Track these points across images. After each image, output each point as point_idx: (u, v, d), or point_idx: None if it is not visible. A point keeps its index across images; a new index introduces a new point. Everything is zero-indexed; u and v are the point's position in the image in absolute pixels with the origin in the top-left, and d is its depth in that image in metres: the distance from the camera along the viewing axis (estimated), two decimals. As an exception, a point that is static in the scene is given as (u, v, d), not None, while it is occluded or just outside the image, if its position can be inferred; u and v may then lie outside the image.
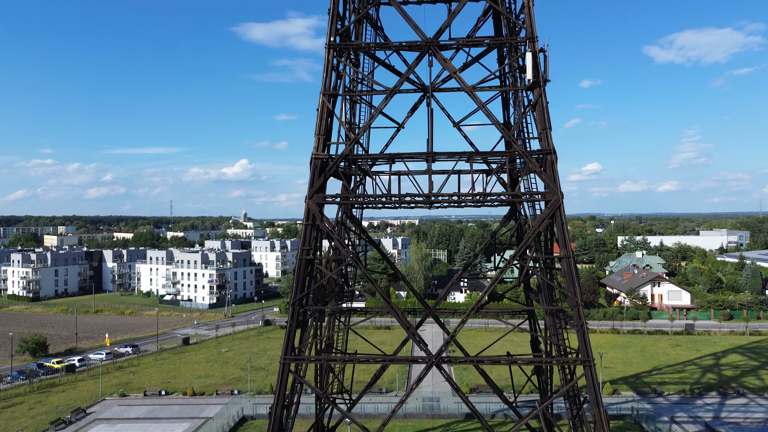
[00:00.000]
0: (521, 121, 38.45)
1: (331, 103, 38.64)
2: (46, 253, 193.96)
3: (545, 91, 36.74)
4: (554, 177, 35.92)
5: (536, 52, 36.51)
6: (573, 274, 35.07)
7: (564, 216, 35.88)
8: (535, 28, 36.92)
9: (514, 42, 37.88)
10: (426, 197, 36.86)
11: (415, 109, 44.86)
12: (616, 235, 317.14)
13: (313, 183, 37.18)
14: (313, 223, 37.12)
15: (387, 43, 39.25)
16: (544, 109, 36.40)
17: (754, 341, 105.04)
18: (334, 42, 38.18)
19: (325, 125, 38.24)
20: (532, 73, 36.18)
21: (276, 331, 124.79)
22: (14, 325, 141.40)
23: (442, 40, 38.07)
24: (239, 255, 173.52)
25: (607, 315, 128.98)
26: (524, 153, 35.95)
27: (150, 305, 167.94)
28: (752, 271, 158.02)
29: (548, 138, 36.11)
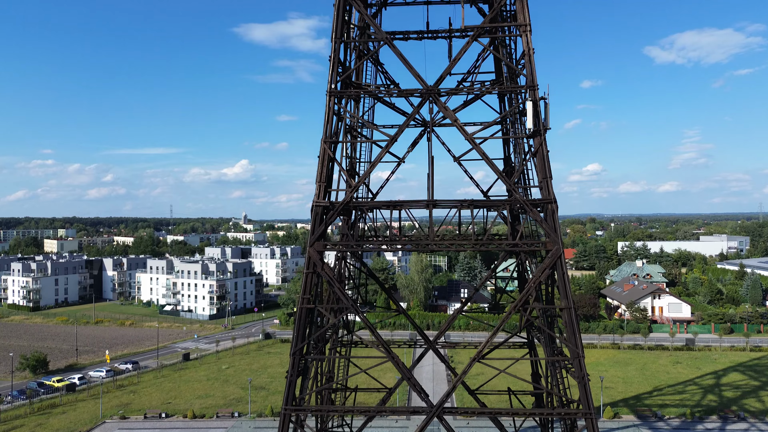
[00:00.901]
0: (522, 168, 38.42)
1: (332, 148, 38.63)
2: (46, 262, 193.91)
3: (545, 139, 36.74)
4: (555, 227, 35.92)
5: (536, 100, 36.52)
6: (574, 325, 35.08)
7: (564, 266, 35.88)
8: (535, 77, 36.92)
9: (514, 89, 37.85)
10: (426, 243, 36.87)
11: (415, 144, 44.78)
12: (616, 240, 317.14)
13: (314, 230, 37.19)
14: (314, 270, 37.13)
15: (388, 90, 39.22)
16: (545, 158, 36.40)
17: (754, 358, 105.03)
18: (335, 89, 38.20)
19: (327, 171, 38.24)
20: (532, 121, 36.18)
21: (276, 345, 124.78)
22: (14, 337, 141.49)
23: (443, 88, 38.03)
24: (239, 265, 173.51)
25: (608, 329, 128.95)
26: (525, 203, 35.95)
27: (150, 316, 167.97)
28: (752, 282, 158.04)
29: (549, 187, 36.11)
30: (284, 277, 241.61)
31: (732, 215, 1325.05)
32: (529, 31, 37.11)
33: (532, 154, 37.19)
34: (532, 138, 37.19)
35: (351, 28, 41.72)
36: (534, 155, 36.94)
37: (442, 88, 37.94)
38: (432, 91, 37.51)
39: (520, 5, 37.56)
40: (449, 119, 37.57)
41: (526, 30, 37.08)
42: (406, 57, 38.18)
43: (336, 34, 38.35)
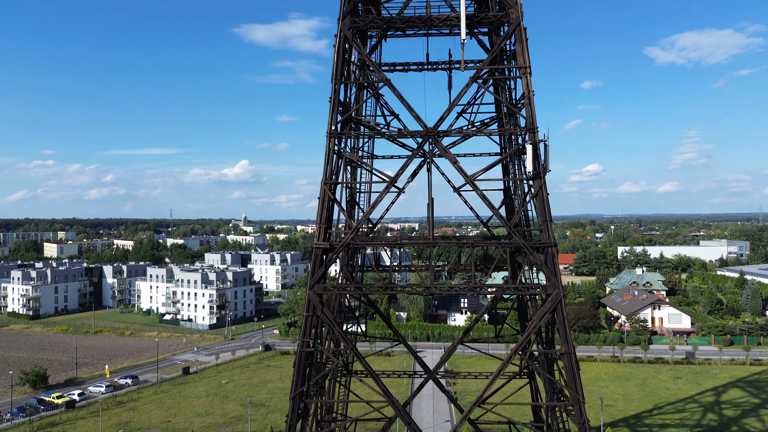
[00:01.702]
0: (522, 211, 38.35)
1: (332, 189, 38.56)
2: (46, 270, 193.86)
3: (545, 182, 36.69)
4: (555, 270, 35.88)
5: (536, 143, 36.46)
6: (574, 370, 35.03)
7: (565, 311, 35.83)
8: (535, 119, 36.87)
9: (514, 132, 37.81)
10: (426, 287, 36.82)
11: (415, 174, 44.69)
12: (616, 245, 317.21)
13: (314, 272, 37.14)
14: (314, 313, 37.08)
15: (389, 130, 39.17)
16: (545, 200, 36.36)
17: (754, 373, 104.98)
18: (335, 131, 38.14)
19: (327, 212, 38.19)
20: (532, 165, 36.13)
21: (276, 357, 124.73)
22: (14, 348, 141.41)
23: (442, 129, 37.98)
24: (239, 274, 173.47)
25: (608, 340, 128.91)
26: (525, 246, 35.91)
27: (150, 325, 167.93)
28: (753, 291, 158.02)
29: (549, 230, 36.06)
30: (284, 284, 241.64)
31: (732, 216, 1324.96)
32: (529, 73, 37.05)
33: (532, 196, 37.15)
34: (532, 181, 37.13)
35: (351, 65, 41.65)
36: (534, 197, 36.89)
37: (441, 130, 37.87)
38: (432, 132, 37.47)
39: (519, 47, 37.50)
40: (449, 160, 37.50)
41: (526, 72, 37.02)
42: (405, 91, 38.14)
43: (336, 76, 38.28)
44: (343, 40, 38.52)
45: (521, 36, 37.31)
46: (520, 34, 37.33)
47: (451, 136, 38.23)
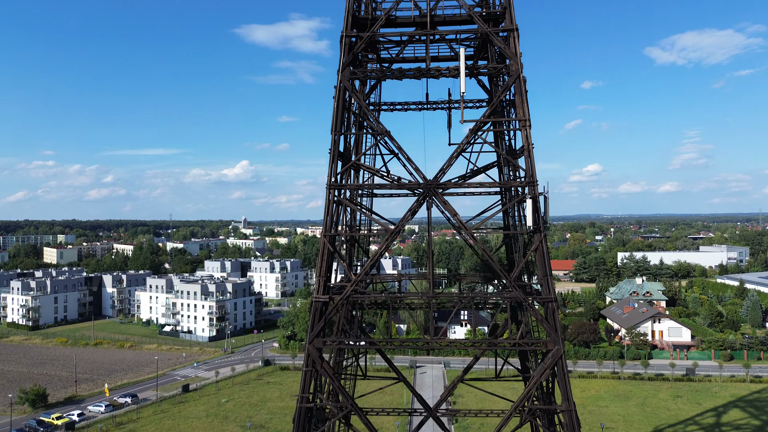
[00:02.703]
0: (522, 265, 38.21)
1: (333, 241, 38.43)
2: (46, 280, 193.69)
3: (545, 236, 36.58)
4: (556, 326, 35.76)
5: (536, 197, 36.34)
6: (575, 427, 34.92)
7: (565, 367, 35.71)
8: (535, 173, 36.74)
9: (513, 185, 37.68)
10: (426, 342, 36.69)
11: (414, 212, 44.45)
12: (615, 250, 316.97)
13: (314, 326, 37.02)
14: (313, 367, 36.95)
15: (388, 185, 39.06)
16: (545, 255, 36.23)
17: (754, 391, 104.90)
18: (335, 183, 37.99)
19: (327, 265, 38.04)
20: (532, 219, 36.00)
21: (276, 373, 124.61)
22: (14, 362, 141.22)
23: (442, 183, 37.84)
24: (239, 285, 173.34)
25: (608, 355, 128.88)
26: (526, 301, 35.79)
27: (150, 336, 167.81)
28: (752, 303, 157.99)
29: (549, 284, 35.93)
30: (284, 291, 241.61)
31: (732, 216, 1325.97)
32: (528, 126, 36.92)
33: (532, 250, 37.02)
34: (532, 235, 37.01)
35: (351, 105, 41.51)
36: (534, 250, 36.76)
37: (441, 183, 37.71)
38: (431, 186, 37.34)
39: (519, 99, 37.34)
40: (448, 213, 37.36)
41: (526, 125, 36.90)
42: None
43: (335, 127, 38.15)
44: (342, 92, 38.39)
45: (521, 88, 37.17)
46: (519, 86, 37.19)
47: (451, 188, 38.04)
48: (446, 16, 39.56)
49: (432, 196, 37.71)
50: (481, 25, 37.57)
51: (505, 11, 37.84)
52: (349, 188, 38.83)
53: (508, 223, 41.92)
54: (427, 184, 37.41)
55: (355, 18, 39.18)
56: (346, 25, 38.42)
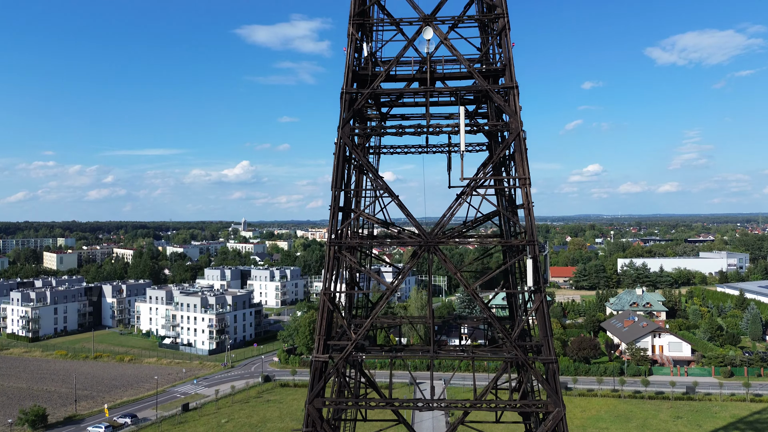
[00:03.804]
0: (522, 323, 38.12)
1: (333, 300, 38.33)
2: (46, 291, 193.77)
3: (546, 297, 36.47)
4: (556, 388, 35.66)
5: (536, 256, 36.24)
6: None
7: (566, 427, 35.60)
8: (535, 231, 36.65)
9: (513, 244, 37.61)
10: (426, 402, 36.62)
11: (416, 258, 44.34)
12: (615, 256, 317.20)
13: (313, 386, 36.92)
14: (313, 427, 36.86)
15: (389, 240, 38.98)
16: (545, 315, 36.14)
17: (755, 411, 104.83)
18: (335, 239, 37.90)
19: (327, 323, 37.93)
20: (532, 278, 35.90)
21: (276, 390, 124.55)
22: (14, 376, 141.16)
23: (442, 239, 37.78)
24: (239, 297, 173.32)
25: (608, 371, 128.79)
26: (526, 361, 35.71)
27: (149, 349, 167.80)
28: (753, 316, 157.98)
29: (550, 346, 35.86)
30: (284, 300, 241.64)
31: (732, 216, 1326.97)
32: (528, 185, 36.82)
33: (532, 310, 36.92)
34: (532, 294, 36.91)
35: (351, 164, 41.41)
36: (535, 311, 36.68)
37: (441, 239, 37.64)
38: (430, 242, 37.25)
39: (519, 157, 37.23)
40: (449, 271, 37.23)
41: (526, 183, 36.79)
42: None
43: (335, 184, 38.08)
44: (342, 147, 38.30)
45: (520, 146, 37.07)
46: (519, 145, 37.09)
47: (451, 244, 37.92)
48: (447, 72, 39.41)
49: (432, 251, 37.63)
50: (481, 83, 37.47)
51: (505, 68, 37.74)
52: (350, 244, 38.74)
53: (509, 280, 41.83)
54: (427, 239, 37.33)
55: (355, 73, 39.07)
56: (346, 82, 38.31)
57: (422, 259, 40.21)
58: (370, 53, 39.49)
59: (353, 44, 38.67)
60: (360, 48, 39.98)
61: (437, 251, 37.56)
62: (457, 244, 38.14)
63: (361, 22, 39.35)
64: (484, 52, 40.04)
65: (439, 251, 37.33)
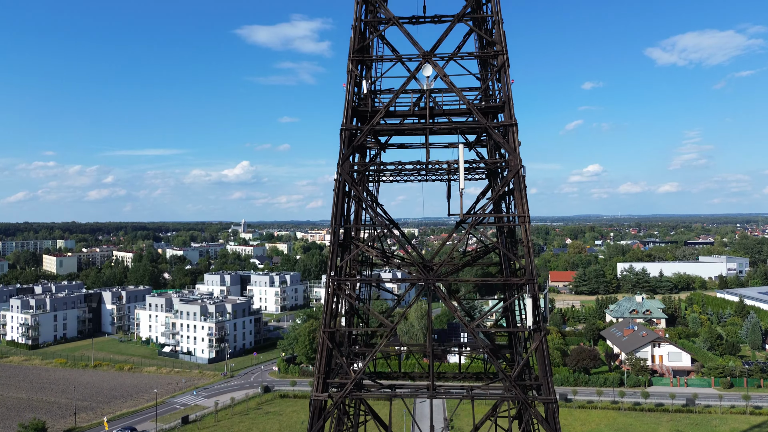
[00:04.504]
0: (522, 362, 38.03)
1: (332, 337, 38.28)
2: (45, 298, 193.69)
3: (545, 336, 36.44)
4: (556, 427, 35.58)
5: (536, 295, 36.19)
6: None
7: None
8: (535, 270, 36.59)
9: (514, 283, 37.57)
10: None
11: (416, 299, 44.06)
12: (615, 260, 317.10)
13: (312, 426, 36.86)
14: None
15: (389, 278, 38.90)
16: (545, 354, 36.08)
17: (755, 425, 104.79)
18: (335, 276, 37.83)
19: (326, 362, 37.86)
20: (532, 318, 35.85)
21: (276, 401, 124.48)
22: (13, 386, 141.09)
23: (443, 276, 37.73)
24: (239, 305, 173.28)
25: (608, 381, 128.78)
26: (526, 402, 35.66)
27: (149, 357, 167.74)
28: (752, 325, 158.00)
29: (549, 385, 35.79)
30: (283, 306, 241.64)
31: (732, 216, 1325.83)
32: (528, 222, 36.76)
33: (533, 348, 36.85)
34: (532, 334, 36.84)
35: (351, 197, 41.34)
36: (535, 349, 36.61)
37: (442, 276, 37.61)
38: (431, 281, 37.21)
39: (518, 195, 37.18)
40: (449, 309, 37.21)
41: (525, 221, 36.74)
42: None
43: (335, 220, 38.02)
44: (342, 184, 38.25)
45: (520, 184, 37.01)
46: (519, 182, 37.03)
47: (452, 281, 37.91)
48: (446, 108, 39.34)
49: (433, 288, 37.59)
50: (480, 119, 37.41)
51: (504, 105, 37.69)
52: (350, 281, 38.70)
53: (509, 318, 41.75)
54: (427, 279, 37.28)
55: (355, 109, 39.01)
56: (346, 119, 38.25)
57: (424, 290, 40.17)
58: (370, 90, 39.44)
59: (353, 80, 38.61)
60: (359, 83, 39.91)
61: (438, 291, 37.50)
62: (457, 281, 38.09)
63: (361, 58, 39.30)
64: (483, 88, 39.97)
65: (440, 291, 37.28)
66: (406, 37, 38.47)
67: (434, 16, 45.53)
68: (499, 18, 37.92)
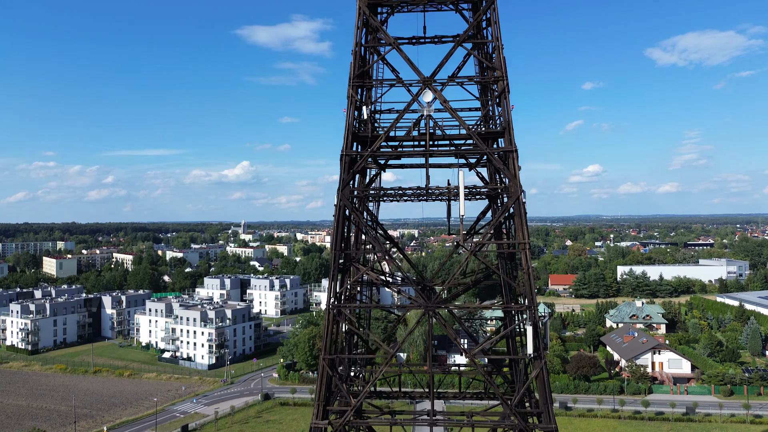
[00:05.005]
0: (523, 389, 37.98)
1: (332, 365, 38.23)
2: (45, 303, 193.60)
3: (546, 363, 36.38)
4: (556, 454, 35.54)
5: (536, 322, 36.15)
6: None
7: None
8: (535, 297, 36.55)
9: (512, 307, 37.52)
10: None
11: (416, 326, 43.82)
12: (615, 263, 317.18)
13: (312, 451, 36.84)
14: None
15: (390, 305, 38.85)
16: (545, 383, 36.03)
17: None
18: (335, 304, 37.82)
19: (326, 389, 37.80)
20: (532, 345, 35.80)
21: (275, 409, 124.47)
22: (13, 393, 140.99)
23: (442, 303, 37.70)
24: (239, 311, 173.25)
25: (608, 389, 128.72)
26: (527, 428, 35.61)
27: (149, 363, 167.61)
28: (752, 331, 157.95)
29: (550, 413, 35.74)
30: (283, 310, 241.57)
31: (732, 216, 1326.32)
32: (528, 249, 36.71)
33: (533, 377, 36.82)
34: (532, 362, 36.81)
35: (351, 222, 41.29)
36: (536, 378, 36.56)
37: (441, 303, 37.57)
38: (430, 308, 37.16)
39: (518, 221, 37.15)
40: (449, 335, 37.15)
41: (525, 248, 36.70)
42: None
43: (336, 246, 38.00)
44: (342, 209, 38.21)
45: (520, 210, 36.97)
46: (519, 209, 36.99)
47: (452, 308, 37.87)
48: (447, 134, 39.28)
49: (433, 316, 37.54)
50: (481, 146, 37.37)
51: (504, 131, 37.64)
52: (350, 308, 38.66)
53: (509, 344, 41.71)
54: (427, 306, 37.25)
55: (355, 134, 38.96)
56: (346, 144, 38.22)
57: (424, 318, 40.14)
58: (370, 116, 39.41)
59: (353, 105, 38.57)
60: (360, 108, 39.86)
61: (438, 318, 37.48)
62: (457, 308, 38.05)
63: (361, 83, 39.24)
64: (483, 114, 39.93)
65: (440, 318, 37.25)
66: (406, 62, 38.41)
67: (434, 36, 45.57)
68: (500, 44, 37.88)
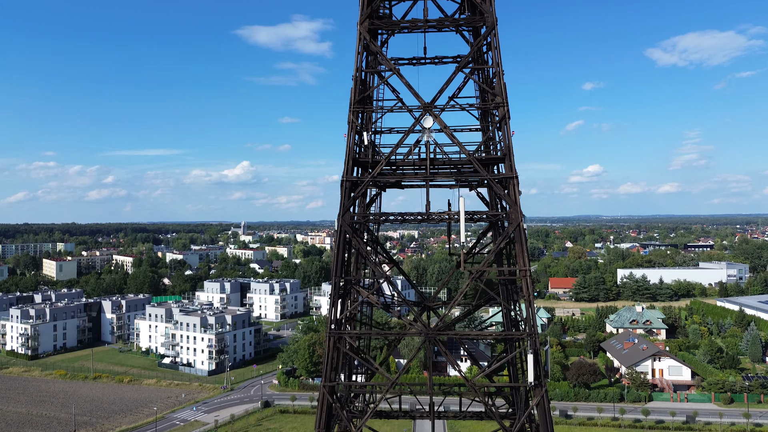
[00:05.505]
0: (523, 418, 37.91)
1: (333, 391, 38.17)
2: (45, 308, 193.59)
3: (547, 392, 36.30)
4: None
5: (537, 350, 36.06)
6: None
7: None
8: (536, 324, 36.46)
9: (513, 336, 37.45)
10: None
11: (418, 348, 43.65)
12: (615, 266, 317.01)
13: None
14: None
15: (390, 332, 38.77)
16: (546, 412, 35.95)
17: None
18: (335, 330, 37.72)
19: (326, 418, 37.76)
20: (533, 373, 35.72)
21: (275, 417, 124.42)
22: (12, 400, 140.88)
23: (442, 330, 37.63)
24: (239, 317, 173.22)
25: (608, 396, 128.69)
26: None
27: (149, 369, 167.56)
28: (752, 338, 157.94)
29: (550, 440, 35.65)
30: (283, 314, 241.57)
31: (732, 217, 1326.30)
32: (529, 276, 36.66)
33: (533, 405, 36.74)
34: (534, 387, 36.72)
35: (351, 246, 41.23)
36: (536, 405, 36.50)
37: (441, 330, 37.50)
38: (431, 335, 37.11)
39: (519, 248, 37.08)
40: (450, 363, 37.08)
41: (526, 275, 36.63)
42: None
43: (336, 272, 37.94)
44: (343, 235, 38.13)
45: (521, 237, 36.90)
46: (520, 235, 36.93)
47: (452, 335, 37.82)
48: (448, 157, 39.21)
49: (432, 342, 37.48)
50: (481, 172, 37.31)
51: (505, 157, 37.57)
52: (350, 335, 38.60)
53: (510, 371, 41.66)
54: (427, 332, 37.18)
55: (355, 160, 38.90)
56: (347, 169, 38.14)
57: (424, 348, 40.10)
58: (371, 141, 39.34)
59: (353, 131, 38.50)
60: (360, 132, 39.81)
61: (438, 344, 37.43)
62: (457, 336, 37.99)
63: (362, 109, 39.19)
64: (484, 140, 39.89)
65: (440, 344, 37.20)
66: (406, 87, 38.34)
67: (435, 57, 45.56)
68: (500, 69, 37.82)
